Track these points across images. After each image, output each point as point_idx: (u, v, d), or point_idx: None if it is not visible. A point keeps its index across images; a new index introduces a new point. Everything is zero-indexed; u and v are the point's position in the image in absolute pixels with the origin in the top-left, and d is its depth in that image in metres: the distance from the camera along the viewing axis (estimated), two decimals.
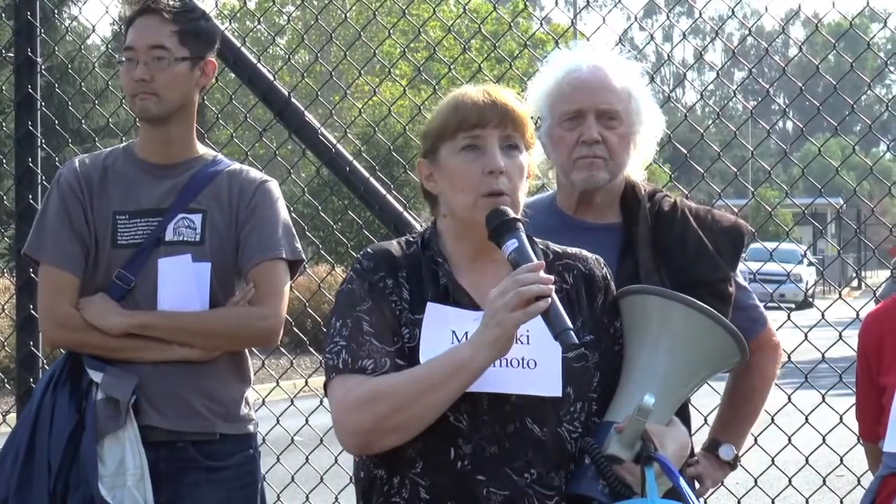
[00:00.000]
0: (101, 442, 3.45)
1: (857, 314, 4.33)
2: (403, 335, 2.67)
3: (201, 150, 3.73)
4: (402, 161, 5.76)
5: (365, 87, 22.69)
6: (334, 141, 4.80)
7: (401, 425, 2.59)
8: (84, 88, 6.19)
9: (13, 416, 4.70)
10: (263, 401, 4.92)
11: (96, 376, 3.52)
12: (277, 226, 3.65)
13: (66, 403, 3.50)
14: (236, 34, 5.43)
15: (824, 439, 4.61)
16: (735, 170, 4.97)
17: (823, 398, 4.69)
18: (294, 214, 3.95)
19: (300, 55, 26.94)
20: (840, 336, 4.65)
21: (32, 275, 4.49)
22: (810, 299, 26.81)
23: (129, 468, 3.45)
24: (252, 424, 3.70)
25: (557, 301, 2.54)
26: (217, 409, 3.59)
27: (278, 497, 5.02)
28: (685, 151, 4.93)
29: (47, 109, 5.40)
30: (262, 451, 3.84)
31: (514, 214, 2.65)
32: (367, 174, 4.75)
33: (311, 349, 5.94)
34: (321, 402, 4.22)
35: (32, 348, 5.07)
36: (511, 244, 2.61)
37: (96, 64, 6.81)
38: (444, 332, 2.65)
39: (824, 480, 4.72)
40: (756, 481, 4.73)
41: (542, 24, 9.34)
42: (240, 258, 3.61)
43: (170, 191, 3.63)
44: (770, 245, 5.30)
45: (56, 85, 5.91)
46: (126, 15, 3.75)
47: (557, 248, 2.84)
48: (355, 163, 4.79)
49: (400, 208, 4.68)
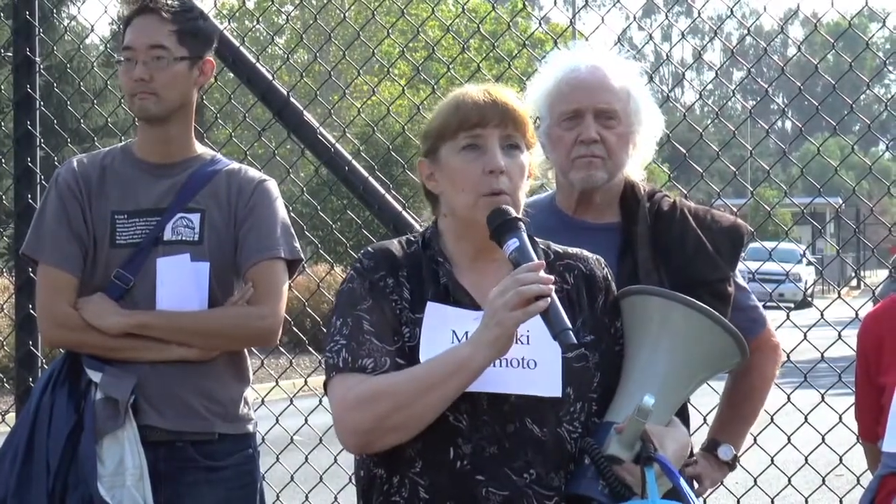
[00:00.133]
0: (99, 442, 3.45)
1: (857, 314, 4.33)
2: (404, 334, 2.67)
3: (199, 149, 3.72)
4: (401, 160, 5.76)
5: (364, 86, 22.69)
6: (333, 140, 4.79)
7: (400, 424, 2.58)
8: (83, 88, 6.20)
9: (12, 416, 4.69)
10: (263, 400, 4.92)
11: (95, 376, 3.51)
12: (276, 225, 3.64)
13: (64, 403, 3.49)
14: (235, 34, 5.43)
15: (824, 439, 4.61)
16: (734, 169, 4.97)
17: (823, 398, 4.69)
18: (293, 214, 3.94)
19: (299, 55, 26.92)
20: (839, 335, 4.65)
21: (31, 274, 4.48)
22: (809, 299, 26.82)
23: (128, 468, 3.45)
24: (251, 424, 3.69)
25: (557, 301, 2.53)
26: (216, 409, 3.59)
27: (278, 497, 5.01)
28: (684, 151, 4.92)
29: (46, 109, 5.40)
30: (262, 450, 3.83)
31: (515, 214, 2.64)
32: (365, 174, 4.75)
33: (311, 349, 5.93)
34: (320, 401, 4.21)
35: (31, 348, 5.07)
36: (512, 243, 2.61)
37: (95, 63, 6.82)
38: (444, 331, 2.65)
39: (824, 480, 4.71)
40: (755, 481, 4.72)
41: (540, 23, 9.31)
42: (238, 258, 3.61)
43: (168, 190, 3.62)
44: (769, 244, 5.28)
45: (55, 84, 5.90)
46: (124, 14, 3.75)
47: (559, 248, 2.83)
48: (354, 162, 4.78)
49: (399, 208, 4.67)
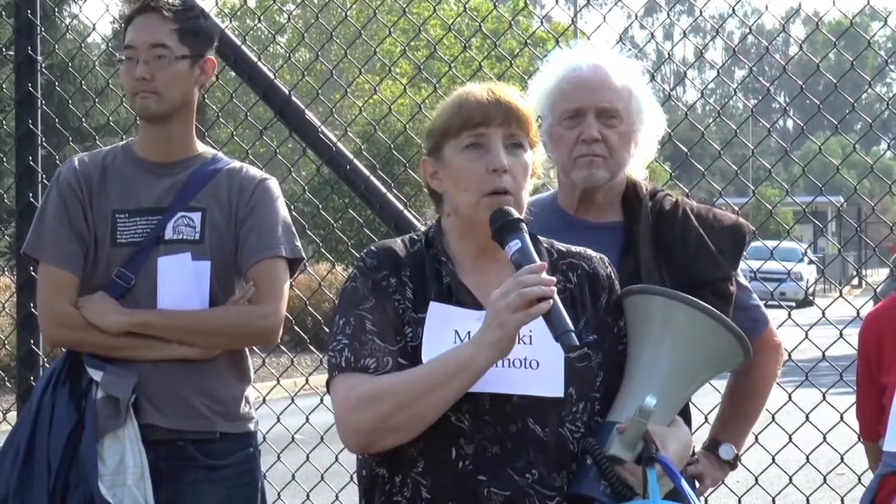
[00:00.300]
0: (100, 441, 3.45)
1: (858, 312, 4.33)
2: (406, 334, 2.66)
3: (200, 148, 3.72)
4: (403, 159, 5.75)
5: (365, 85, 22.68)
6: (335, 139, 4.79)
7: (402, 425, 2.58)
8: (84, 87, 6.19)
9: (13, 415, 4.69)
10: (264, 399, 4.92)
11: (96, 375, 3.51)
12: (277, 224, 3.64)
13: (65, 402, 3.49)
14: (237, 32, 5.43)
15: (825, 438, 4.61)
16: (736, 168, 4.96)
17: (824, 396, 4.68)
18: (294, 213, 3.94)
19: (300, 53, 26.93)
20: (840, 334, 4.65)
21: (33, 273, 4.49)
22: (811, 297, 26.78)
23: (129, 467, 3.44)
24: (252, 423, 3.69)
25: (559, 302, 2.53)
26: (217, 408, 3.58)
27: (279, 496, 5.01)
28: (686, 150, 4.92)
29: (48, 108, 5.40)
30: (263, 449, 3.83)
31: (517, 214, 2.64)
32: (367, 172, 4.75)
33: (312, 347, 5.92)
34: (322, 400, 4.21)
35: (33, 346, 5.07)
36: (514, 244, 2.60)
37: (96, 62, 6.81)
38: (446, 331, 2.65)
39: (825, 479, 4.71)
40: (757, 480, 4.72)
41: (542, 22, 9.33)
42: (239, 256, 3.61)
43: (169, 189, 3.62)
44: (771, 243, 5.29)
45: (56, 83, 5.91)
46: (126, 13, 3.75)
47: (562, 246, 2.83)
48: (356, 161, 4.78)
49: (400, 207, 4.67)
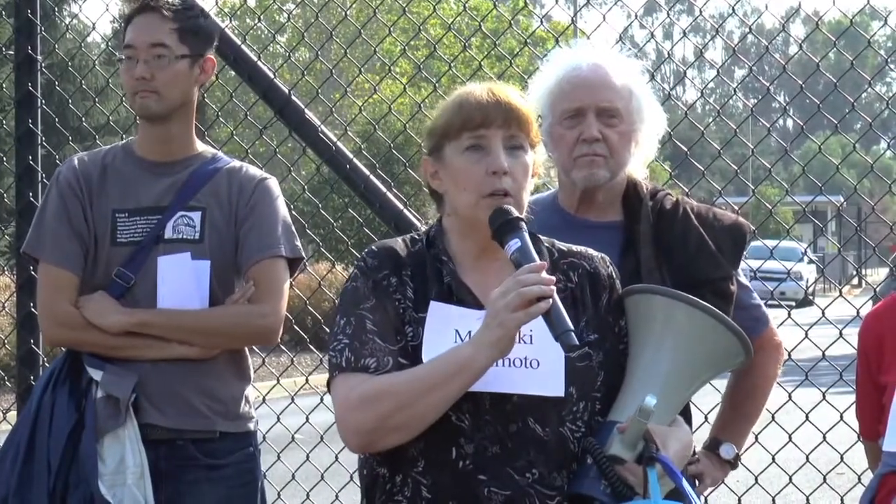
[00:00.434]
0: (100, 440, 3.45)
1: (858, 312, 4.33)
2: (407, 334, 2.66)
3: (200, 147, 3.72)
4: (403, 159, 5.75)
5: (365, 84, 22.69)
6: (334, 139, 4.79)
7: (403, 424, 2.58)
8: (84, 86, 6.19)
9: (13, 414, 4.69)
10: (264, 399, 4.92)
11: (96, 374, 3.51)
12: (277, 223, 3.64)
13: (65, 402, 3.49)
14: (236, 32, 5.43)
15: (825, 437, 4.61)
16: (735, 168, 4.96)
17: (824, 396, 4.68)
18: (294, 212, 3.94)
19: (300, 53, 26.92)
20: (840, 334, 4.65)
21: (33, 272, 4.48)
22: (811, 297, 26.79)
23: (129, 466, 3.44)
24: (252, 422, 3.69)
25: (559, 302, 2.53)
26: (217, 408, 3.58)
27: (279, 495, 5.01)
28: (685, 149, 4.92)
29: (47, 107, 5.40)
30: (263, 449, 3.83)
31: (517, 214, 2.64)
32: (367, 172, 4.75)
33: (312, 347, 5.91)
34: (321, 399, 4.21)
35: (33, 346, 5.07)
36: (514, 244, 2.60)
37: (96, 62, 6.81)
38: (447, 331, 2.65)
39: (825, 478, 4.71)
40: (757, 479, 4.72)
41: (542, 21, 9.32)
42: (239, 256, 3.61)
43: (169, 188, 3.62)
44: (770, 243, 5.29)
45: (56, 83, 5.91)
46: (125, 13, 3.75)
47: (563, 246, 2.83)
48: (355, 160, 4.78)
49: (400, 206, 4.67)
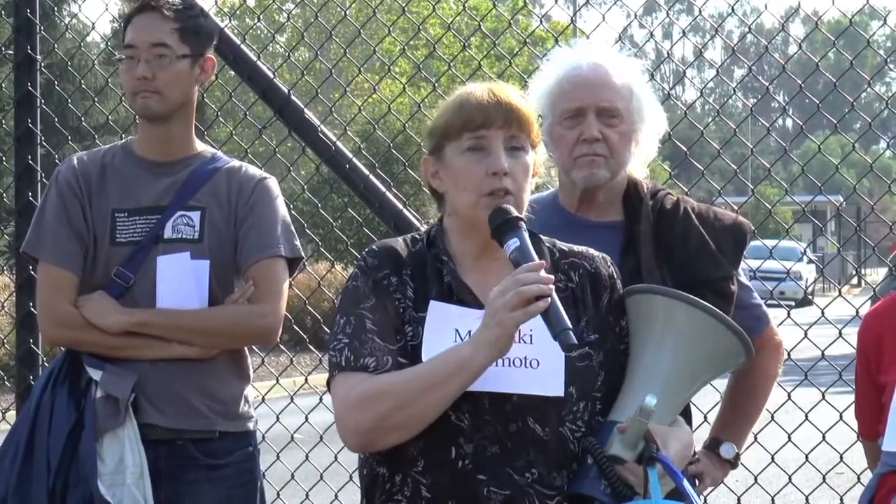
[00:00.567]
0: (100, 440, 3.45)
1: (857, 312, 4.33)
2: (406, 333, 2.66)
3: (200, 147, 3.71)
4: (402, 158, 5.74)
5: (365, 84, 22.68)
6: (334, 138, 4.79)
7: (402, 424, 2.58)
8: (84, 86, 6.19)
9: (13, 414, 4.69)
10: (263, 398, 4.92)
11: (95, 374, 3.51)
12: (276, 223, 3.64)
13: (65, 401, 3.49)
14: (236, 31, 5.43)
15: (824, 437, 4.61)
16: (735, 167, 4.96)
17: (823, 396, 4.68)
18: (293, 212, 3.94)
19: (300, 52, 26.90)
20: (840, 333, 4.65)
21: (32, 272, 4.48)
22: (810, 297, 26.79)
23: (128, 466, 3.44)
24: (251, 422, 3.69)
25: (558, 301, 2.53)
26: (216, 407, 3.58)
27: (278, 495, 5.01)
28: (685, 149, 4.92)
29: (47, 107, 5.39)
30: (262, 448, 3.84)
31: (516, 213, 2.64)
32: (366, 171, 4.75)
33: (311, 347, 5.92)
34: (321, 399, 4.21)
35: (32, 346, 5.06)
36: (512, 243, 2.60)
37: (96, 61, 6.82)
38: (447, 330, 2.64)
39: (824, 478, 4.71)
40: (756, 479, 4.72)
41: (541, 21, 9.33)
42: (239, 256, 3.60)
43: (168, 188, 3.62)
44: (770, 242, 5.29)
45: (56, 82, 5.90)
46: (125, 12, 3.74)
47: (564, 246, 2.82)
48: (355, 160, 4.78)
49: (399, 206, 4.67)
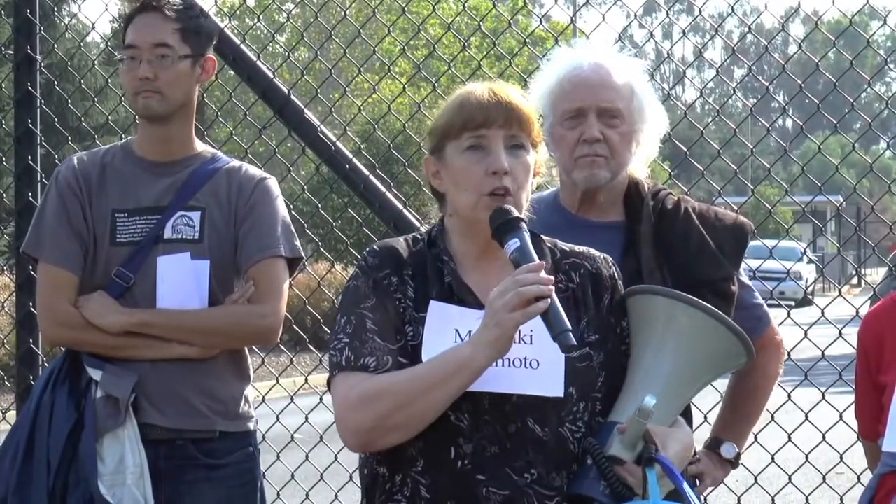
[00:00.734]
0: (100, 440, 3.45)
1: (857, 312, 4.33)
2: (407, 333, 2.66)
3: (200, 147, 3.71)
4: (402, 158, 5.74)
5: (365, 84, 22.67)
6: (334, 138, 4.79)
7: (402, 424, 2.58)
8: (83, 86, 6.19)
9: (13, 414, 4.69)
10: (263, 398, 4.92)
11: (95, 374, 3.51)
12: (276, 223, 3.63)
13: (65, 401, 3.49)
14: (236, 31, 5.43)
15: (824, 437, 4.61)
16: (735, 167, 4.96)
17: (823, 396, 4.68)
18: (293, 212, 3.94)
19: (300, 52, 26.90)
20: (840, 333, 4.65)
21: (32, 272, 4.49)
22: (810, 297, 26.79)
23: (128, 466, 3.44)
24: (252, 422, 3.69)
25: (557, 302, 2.52)
26: (217, 407, 3.58)
27: (278, 495, 5.01)
28: (685, 149, 4.92)
29: (47, 107, 5.39)
30: (262, 448, 3.83)
31: (517, 214, 2.63)
32: (366, 172, 4.75)
33: (311, 347, 5.92)
34: (321, 399, 4.21)
35: (32, 346, 5.06)
36: (513, 244, 2.60)
37: (96, 61, 6.81)
38: (447, 330, 2.64)
39: (824, 478, 4.71)
40: (756, 479, 4.72)
41: (541, 21, 9.33)
42: (239, 256, 3.60)
43: (168, 188, 3.62)
44: (770, 242, 5.29)
45: (55, 82, 5.90)
46: (125, 12, 3.74)
47: (565, 246, 2.82)
48: (355, 160, 4.78)
49: (399, 206, 4.67)
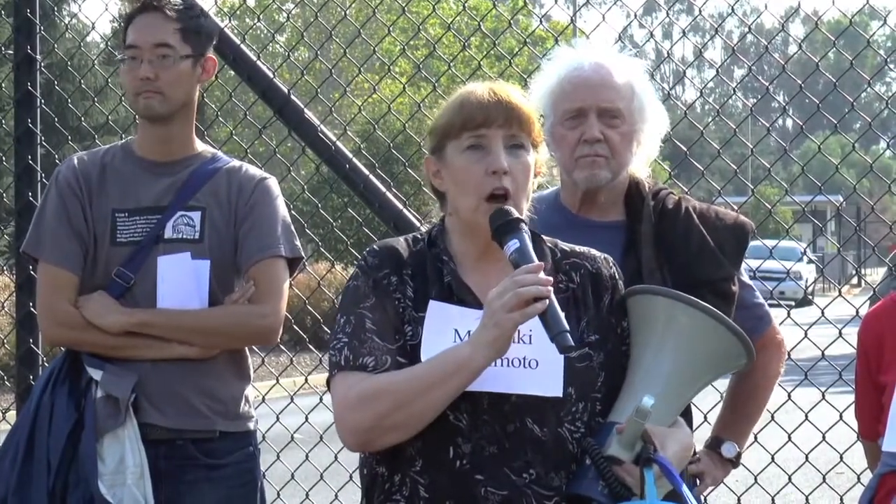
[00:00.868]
0: (100, 440, 3.45)
1: (857, 311, 4.33)
2: (406, 333, 2.66)
3: (200, 147, 3.71)
4: (402, 158, 5.75)
5: (365, 84, 22.68)
6: (334, 138, 4.79)
7: (400, 423, 2.58)
8: (83, 86, 6.19)
9: (13, 414, 4.69)
10: (263, 398, 4.92)
11: (96, 374, 3.51)
12: (276, 223, 3.64)
13: (65, 401, 3.49)
14: (236, 31, 5.43)
15: (824, 437, 4.61)
16: (735, 167, 4.96)
17: (823, 396, 4.68)
18: (293, 212, 3.94)
19: (300, 52, 26.90)
20: (840, 333, 4.65)
21: (32, 272, 4.49)
22: (810, 297, 26.79)
23: (128, 466, 3.44)
24: (252, 422, 3.69)
25: (556, 303, 2.52)
26: (217, 407, 3.58)
27: (278, 495, 5.01)
28: (685, 149, 4.92)
29: (47, 107, 5.39)
30: (262, 448, 3.83)
31: (517, 215, 2.63)
32: (366, 171, 4.75)
33: (311, 346, 5.92)
34: (321, 399, 4.21)
35: (32, 346, 5.06)
36: (512, 244, 2.60)
37: (96, 61, 6.81)
38: (446, 330, 2.64)
39: (824, 478, 4.71)
40: (756, 479, 4.73)
41: (541, 21, 9.34)
42: (239, 256, 3.60)
43: (169, 188, 3.62)
44: (770, 242, 5.29)
45: (56, 82, 5.90)
46: (126, 12, 3.74)
47: (566, 246, 2.82)
48: (355, 160, 4.78)
49: (400, 206, 4.67)
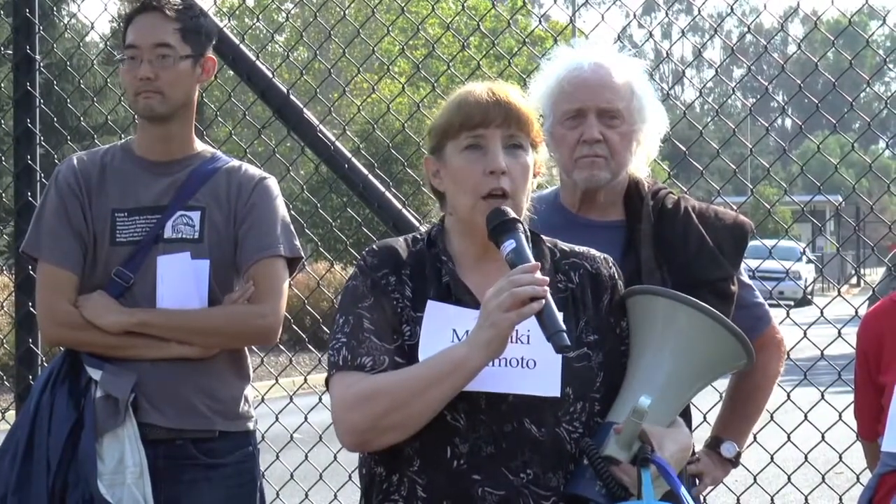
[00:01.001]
0: (100, 440, 3.45)
1: (857, 311, 4.33)
2: (404, 333, 2.66)
3: (199, 146, 3.71)
4: (401, 158, 5.75)
5: (364, 84, 22.67)
6: (333, 138, 4.79)
7: (398, 423, 2.58)
8: (83, 86, 6.19)
9: (12, 414, 4.69)
10: (263, 398, 4.92)
11: (95, 374, 3.51)
12: (276, 223, 3.64)
13: (64, 401, 3.49)
14: (235, 31, 5.43)
15: (823, 436, 4.61)
16: (734, 167, 4.96)
17: (822, 395, 4.68)
18: (293, 212, 3.94)
19: (299, 52, 26.90)
20: (839, 333, 4.65)
21: (31, 272, 4.49)
22: (809, 297, 26.81)
23: (128, 466, 3.45)
24: (251, 422, 3.69)
25: (552, 303, 2.52)
26: (216, 407, 3.58)
27: (277, 494, 5.01)
28: (684, 149, 4.92)
29: (46, 107, 5.40)
30: (262, 448, 3.84)
31: (513, 215, 2.63)
32: (365, 171, 4.75)
33: (310, 346, 5.92)
34: (320, 399, 4.21)
35: (31, 346, 5.07)
36: (509, 245, 2.60)
37: (95, 61, 6.81)
38: (444, 330, 2.64)
39: (823, 478, 4.72)
40: (755, 478, 4.73)
41: (540, 21, 9.33)
42: (238, 256, 3.60)
43: (168, 188, 3.62)
44: (769, 242, 5.29)
45: (55, 82, 5.90)
46: (125, 12, 3.74)
47: (565, 246, 2.82)
48: (354, 160, 4.78)
49: (399, 205, 4.67)
